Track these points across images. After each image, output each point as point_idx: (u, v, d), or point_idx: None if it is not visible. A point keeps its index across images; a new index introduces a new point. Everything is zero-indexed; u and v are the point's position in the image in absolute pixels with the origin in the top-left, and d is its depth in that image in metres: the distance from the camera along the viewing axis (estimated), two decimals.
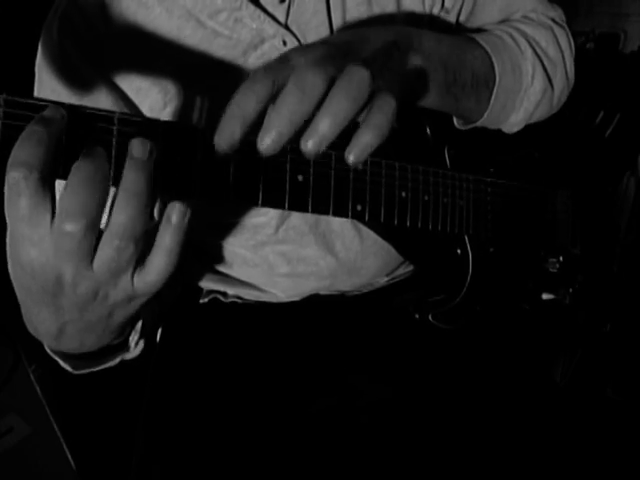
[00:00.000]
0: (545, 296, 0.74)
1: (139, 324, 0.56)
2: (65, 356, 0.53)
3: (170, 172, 0.41)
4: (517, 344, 0.76)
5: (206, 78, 0.60)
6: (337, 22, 0.62)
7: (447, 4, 0.66)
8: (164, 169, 0.40)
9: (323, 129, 0.37)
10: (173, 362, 0.75)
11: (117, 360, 0.57)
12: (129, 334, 0.55)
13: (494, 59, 0.60)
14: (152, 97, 0.60)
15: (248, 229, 0.69)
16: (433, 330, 0.70)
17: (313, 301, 0.77)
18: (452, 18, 0.68)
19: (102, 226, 0.37)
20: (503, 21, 0.70)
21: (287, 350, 0.73)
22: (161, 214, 0.39)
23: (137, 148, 0.36)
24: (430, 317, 0.69)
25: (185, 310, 0.80)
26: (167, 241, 0.38)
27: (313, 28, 0.61)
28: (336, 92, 0.38)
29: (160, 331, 0.80)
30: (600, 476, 0.61)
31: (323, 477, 0.61)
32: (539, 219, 0.73)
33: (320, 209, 0.50)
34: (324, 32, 0.61)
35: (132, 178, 0.36)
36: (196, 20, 0.59)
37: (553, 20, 0.71)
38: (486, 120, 0.63)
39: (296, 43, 0.60)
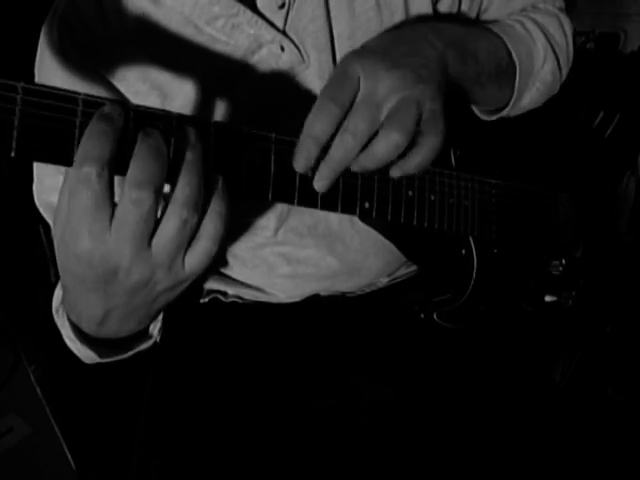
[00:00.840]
0: (548, 298, 0.74)
1: (160, 314, 0.57)
2: (93, 342, 0.55)
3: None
4: (519, 345, 0.76)
5: (204, 82, 0.60)
6: (342, 28, 0.62)
7: (464, 7, 0.69)
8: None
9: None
10: (173, 362, 0.75)
11: (141, 347, 0.60)
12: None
13: (510, 47, 0.64)
14: (150, 100, 0.60)
15: (246, 231, 0.69)
16: (436, 330, 0.70)
17: (313, 301, 0.77)
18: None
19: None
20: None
21: (287, 350, 0.73)
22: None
23: (192, 135, 0.41)
24: (435, 316, 0.69)
25: (185, 310, 0.80)
26: (217, 206, 0.42)
27: (311, 34, 0.61)
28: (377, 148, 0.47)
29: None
30: (600, 476, 0.62)
31: (323, 477, 0.61)
32: (542, 221, 0.74)
33: (329, 206, 0.50)
34: (322, 38, 0.61)
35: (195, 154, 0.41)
36: (194, 27, 0.59)
37: (559, 9, 0.75)
38: (512, 105, 0.67)
39: (294, 49, 0.60)
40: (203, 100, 0.61)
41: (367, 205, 0.53)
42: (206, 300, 0.79)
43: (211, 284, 0.78)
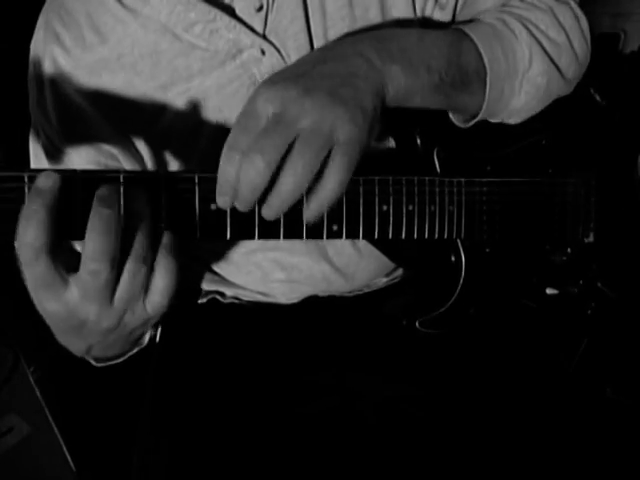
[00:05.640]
0: (549, 291, 0.71)
1: None
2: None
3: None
4: (519, 344, 0.75)
5: (185, 91, 0.60)
6: (316, 27, 0.61)
7: None
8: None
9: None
10: (173, 362, 0.75)
11: (134, 351, 0.64)
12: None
13: (481, 47, 0.58)
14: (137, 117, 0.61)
15: None
16: (431, 332, 0.69)
17: (312, 302, 0.77)
18: (447, 15, 0.67)
19: None
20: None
21: (286, 350, 0.73)
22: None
23: (140, 200, 0.43)
24: (417, 324, 0.66)
25: (184, 310, 0.80)
26: (163, 261, 0.44)
27: (292, 35, 0.61)
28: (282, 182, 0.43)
29: (160, 331, 0.80)
30: (600, 476, 0.62)
31: (323, 476, 0.61)
32: (544, 212, 0.70)
33: (293, 234, 0.48)
34: (303, 39, 0.61)
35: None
36: (172, 34, 0.59)
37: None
38: (485, 111, 0.61)
39: (274, 52, 0.60)
40: (187, 111, 0.61)
41: (335, 228, 0.50)
42: (204, 301, 0.79)
43: (209, 285, 0.78)
